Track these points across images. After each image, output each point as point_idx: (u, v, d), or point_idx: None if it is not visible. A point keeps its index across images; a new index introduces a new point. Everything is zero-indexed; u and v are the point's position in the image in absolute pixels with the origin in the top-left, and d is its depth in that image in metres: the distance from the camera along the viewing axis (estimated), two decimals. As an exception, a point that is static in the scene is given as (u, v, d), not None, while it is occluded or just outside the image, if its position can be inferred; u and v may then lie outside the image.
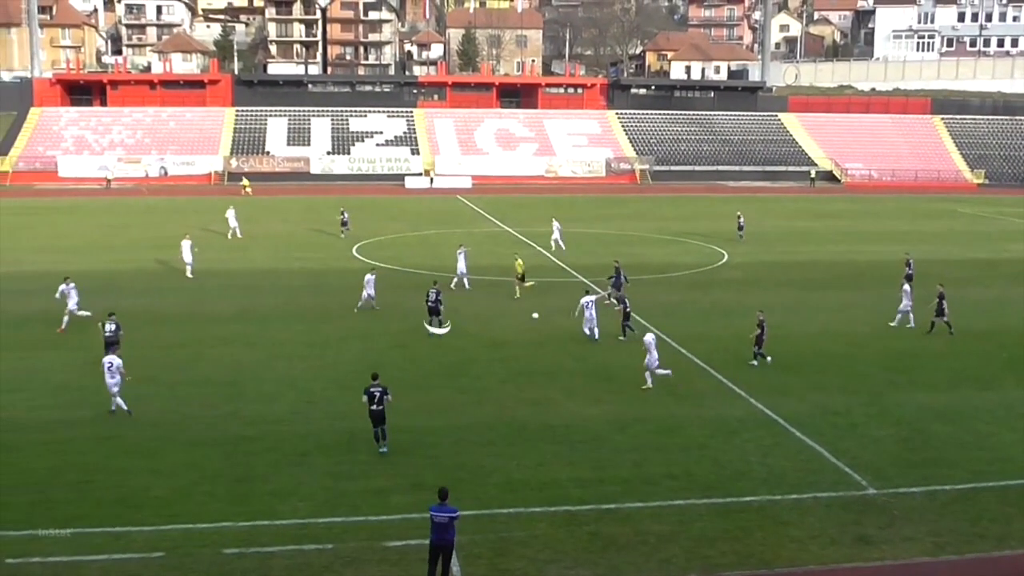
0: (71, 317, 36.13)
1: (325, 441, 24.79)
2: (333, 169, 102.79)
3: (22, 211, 75.78)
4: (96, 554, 18.68)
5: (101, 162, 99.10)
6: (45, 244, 57.57)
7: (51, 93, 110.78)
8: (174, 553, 18.76)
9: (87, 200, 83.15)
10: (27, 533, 19.48)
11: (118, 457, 23.67)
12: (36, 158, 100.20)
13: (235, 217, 61.15)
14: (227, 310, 39.81)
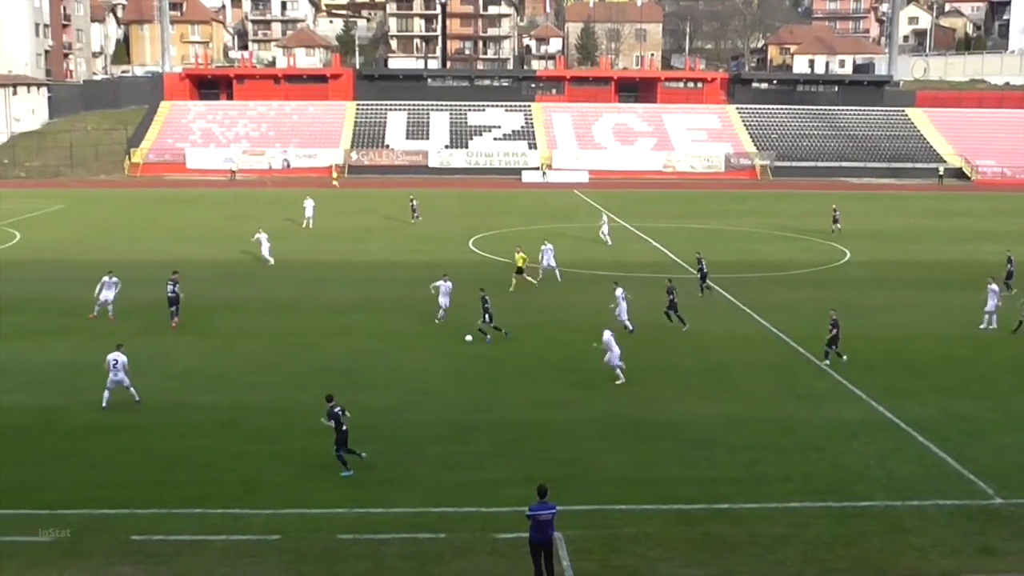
0: (101, 308, 37.07)
1: (438, 432, 25.10)
2: (451, 163, 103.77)
3: (151, 201, 78.51)
4: (216, 534, 19.30)
5: (227, 154, 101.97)
6: (172, 234, 59.53)
7: (180, 87, 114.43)
8: (290, 536, 19.24)
9: (212, 191, 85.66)
10: (151, 511, 20.24)
11: (239, 442, 24.39)
12: (165, 150, 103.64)
13: (312, 208, 62.83)
14: (345, 301, 40.59)
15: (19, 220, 65.50)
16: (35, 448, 23.89)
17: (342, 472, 22.20)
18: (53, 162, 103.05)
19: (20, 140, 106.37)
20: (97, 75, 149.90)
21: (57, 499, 20.78)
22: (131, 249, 53.41)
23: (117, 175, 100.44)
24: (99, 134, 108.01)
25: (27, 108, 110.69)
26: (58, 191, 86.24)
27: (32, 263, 49.13)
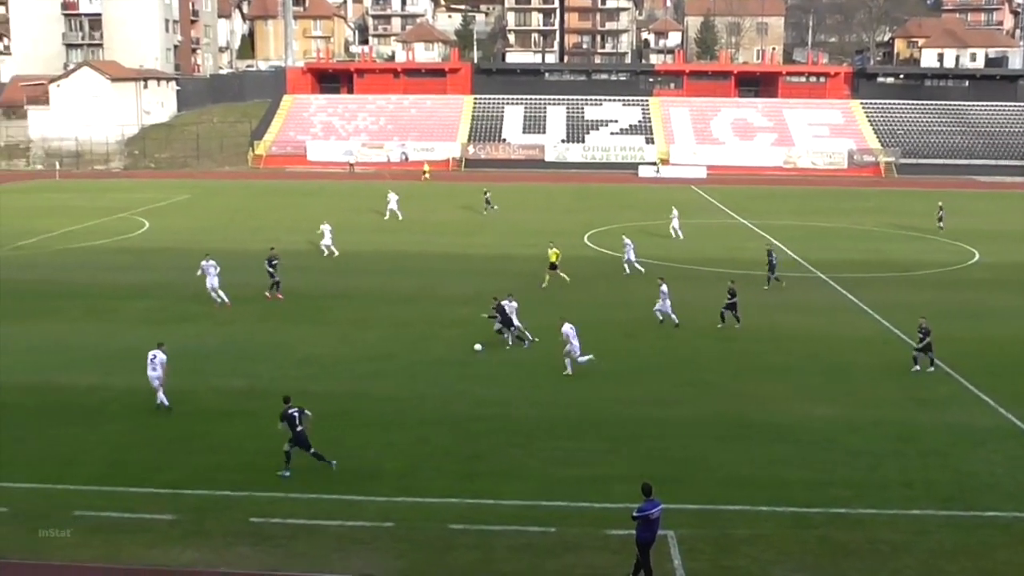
0: (215, 295, 38.24)
1: (550, 425, 25.15)
2: (567, 157, 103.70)
3: (273, 192, 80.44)
4: (331, 519, 19.71)
5: (346, 147, 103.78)
6: (293, 224, 60.86)
7: (303, 81, 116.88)
8: (402, 524, 19.53)
9: (332, 183, 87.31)
10: (269, 495, 20.77)
11: (355, 429, 24.84)
12: (288, 142, 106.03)
13: (396, 202, 64.07)
14: (460, 293, 40.93)
15: (148, 209, 67.84)
16: (161, 429, 24.76)
17: (280, 472, 21.70)
18: (180, 154, 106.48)
19: (150, 132, 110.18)
20: (223, 69, 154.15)
21: (180, 479, 21.52)
22: (253, 238, 54.74)
23: (241, 166, 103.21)
24: (224, 127, 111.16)
25: (157, 101, 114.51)
26: (185, 181, 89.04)
27: (159, 251, 50.84)
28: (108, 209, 67.26)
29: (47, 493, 20.91)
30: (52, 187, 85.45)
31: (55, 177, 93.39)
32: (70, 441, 23.93)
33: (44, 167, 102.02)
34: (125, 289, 40.90)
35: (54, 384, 28.41)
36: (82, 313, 37.41)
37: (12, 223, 60.82)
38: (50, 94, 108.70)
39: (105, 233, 57.09)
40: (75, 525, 19.42)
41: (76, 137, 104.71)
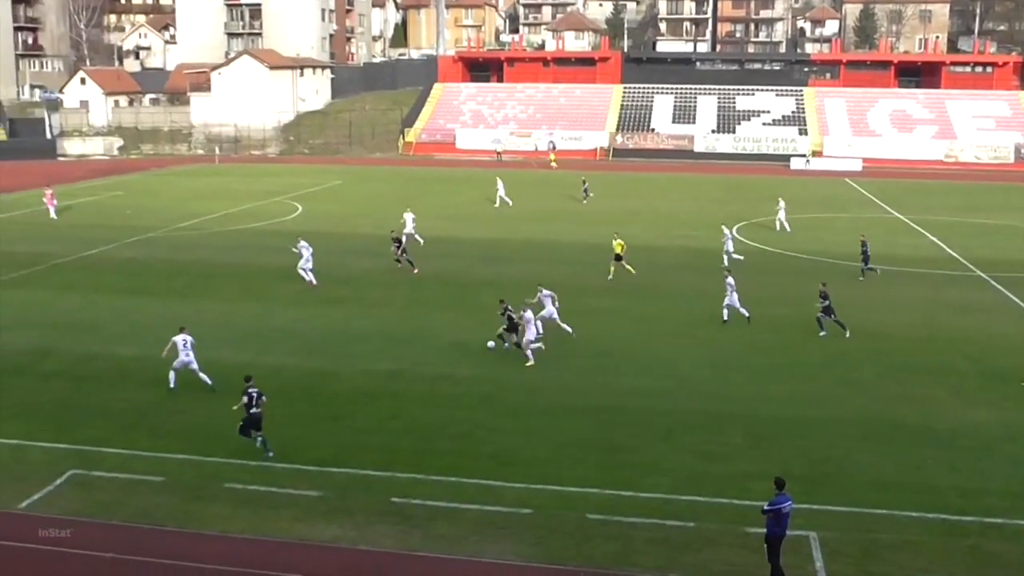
0: (311, 276, 39.65)
1: (693, 419, 24.92)
2: (717, 148, 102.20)
3: (422, 180, 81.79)
4: (470, 503, 20.00)
5: (494, 135, 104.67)
6: (441, 212, 61.79)
7: (453, 70, 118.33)
8: (541, 512, 19.67)
9: (479, 172, 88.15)
10: (411, 476, 21.21)
11: (496, 416, 25.12)
12: (437, 130, 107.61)
13: (503, 188, 64.79)
14: (605, 283, 40.86)
15: (301, 194, 69.90)
16: (310, 408, 25.55)
17: (266, 453, 22.18)
18: (333, 140, 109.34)
19: (305, 119, 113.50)
20: (376, 58, 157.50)
21: (326, 457, 22.18)
22: (400, 225, 55.76)
23: (391, 153, 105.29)
24: (376, 114, 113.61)
25: (312, 89, 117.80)
26: (337, 167, 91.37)
27: (310, 234, 52.10)
28: (264, 193, 69.59)
29: (200, 465, 21.85)
30: (212, 171, 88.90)
31: (215, 161, 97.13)
32: (223, 416, 24.84)
33: (204, 152, 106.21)
34: (278, 271, 42.27)
35: (211, 360, 29.51)
36: (238, 293, 38.87)
37: (175, 205, 63.55)
38: (212, 81, 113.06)
39: (260, 216, 59.10)
40: (225, 497, 20.25)
41: (235, 123, 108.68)
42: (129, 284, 40.51)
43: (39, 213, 58.96)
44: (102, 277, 41.86)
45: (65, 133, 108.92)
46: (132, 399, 26.21)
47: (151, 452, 22.49)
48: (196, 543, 18.42)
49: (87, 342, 31.63)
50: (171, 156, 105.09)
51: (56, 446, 22.86)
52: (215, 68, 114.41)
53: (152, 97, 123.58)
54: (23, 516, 19.49)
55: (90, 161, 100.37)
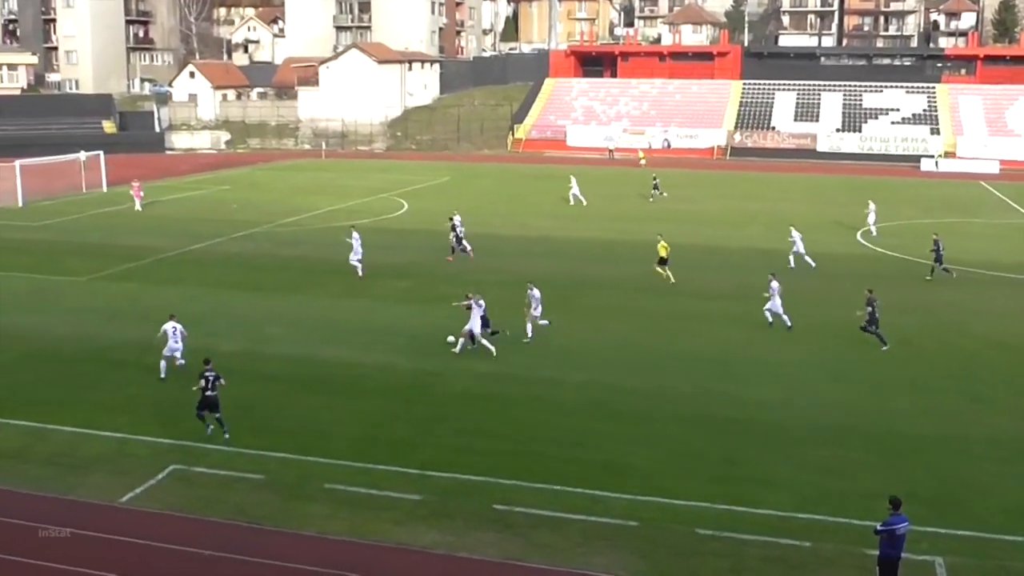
0: (359, 265, 41.17)
1: (812, 433, 24.37)
2: (841, 147, 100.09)
3: (531, 177, 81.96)
4: (575, 513, 19.86)
5: (606, 133, 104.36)
6: (549, 210, 61.79)
7: (565, 64, 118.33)
8: (649, 525, 19.43)
9: (590, 169, 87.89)
10: (514, 483, 21.17)
11: (604, 422, 24.94)
12: (548, 127, 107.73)
13: (577, 185, 64.67)
14: (720, 287, 40.34)
15: (407, 191, 70.68)
16: (412, 409, 25.75)
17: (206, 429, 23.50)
18: (441, 136, 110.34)
19: (413, 114, 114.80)
20: (486, 52, 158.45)
21: (428, 460, 22.29)
22: (508, 223, 56.00)
23: (500, 150, 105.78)
24: (485, 109, 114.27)
25: (420, 83, 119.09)
26: (444, 164, 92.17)
27: (416, 232, 52.89)
28: (370, 189, 70.53)
29: (301, 464, 22.18)
30: (318, 166, 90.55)
31: (321, 157, 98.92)
32: (326, 415, 25.28)
33: (311, 147, 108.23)
34: (383, 268, 42.75)
35: (315, 357, 30.12)
36: (342, 290, 39.45)
37: (280, 200, 64.86)
38: (319, 75, 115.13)
39: (366, 213, 59.91)
40: (325, 498, 20.50)
41: (342, 118, 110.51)
42: (234, 279, 41.45)
43: (148, 206, 60.73)
44: (207, 271, 42.92)
45: (173, 127, 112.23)
46: (235, 395, 26.66)
47: (252, 449, 22.92)
48: (294, 543, 18.68)
49: (192, 336, 32.32)
50: (277, 151, 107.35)
51: (159, 440, 23.47)
52: (323, 62, 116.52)
53: (260, 91, 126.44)
54: (124, 510, 20.04)
55: (197, 155, 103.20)
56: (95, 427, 24.21)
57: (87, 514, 19.74)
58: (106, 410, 25.38)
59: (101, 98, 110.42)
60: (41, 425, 24.38)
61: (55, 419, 24.71)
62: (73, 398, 26.37)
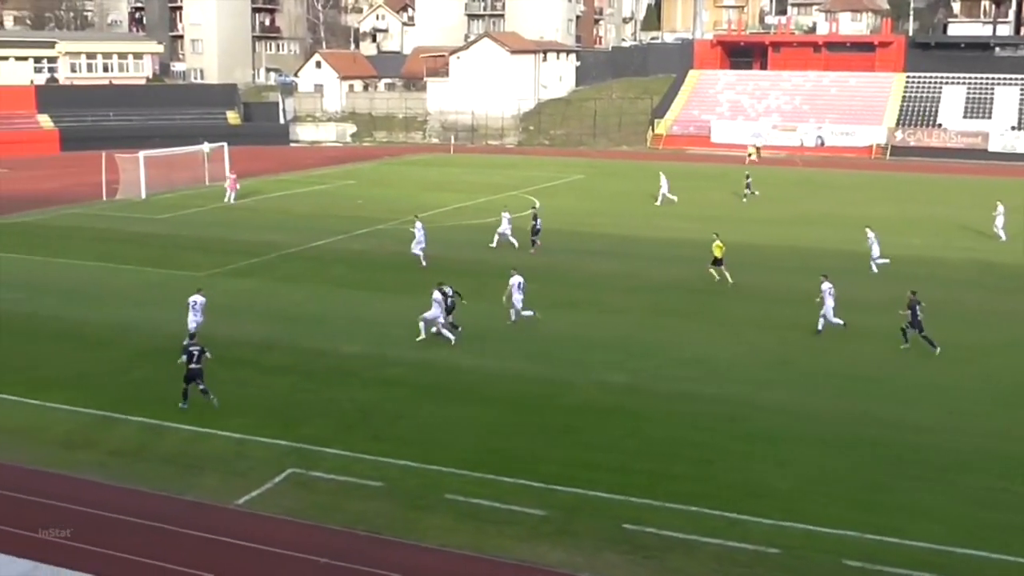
0: (421, 254, 44.17)
1: (972, 460, 23.72)
2: (1016, 147, 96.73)
3: (673, 176, 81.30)
4: (711, 537, 19.76)
5: (754, 129, 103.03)
6: (688, 211, 61.39)
7: (711, 55, 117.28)
8: (791, 553, 19.21)
9: (735, 168, 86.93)
10: (645, 502, 21.17)
11: (741, 440, 24.74)
12: (690, 122, 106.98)
13: (667, 184, 64.77)
14: (875, 298, 39.48)
15: (539, 188, 71.10)
16: (538, 419, 25.96)
17: (180, 404, 26.06)
18: (576, 131, 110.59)
19: (546, 107, 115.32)
20: (626, 42, 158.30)
21: (554, 474, 22.44)
22: (643, 225, 55.85)
23: (639, 147, 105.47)
24: (624, 103, 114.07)
25: (555, 75, 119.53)
26: (579, 160, 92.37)
27: (547, 232, 53.05)
28: (499, 186, 71.15)
29: (422, 472, 22.59)
30: (446, 161, 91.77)
31: (450, 151, 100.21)
32: (447, 422, 25.68)
33: (440, 140, 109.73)
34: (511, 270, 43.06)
35: (438, 362, 30.59)
36: (467, 291, 39.74)
37: (406, 196, 65.99)
38: (449, 66, 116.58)
39: (495, 211, 60.39)
40: (446, 509, 20.84)
41: (472, 111, 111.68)
42: (356, 277, 42.38)
43: (270, 200, 62.57)
44: (329, 269, 43.97)
45: (298, 118, 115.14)
46: (355, 398, 27.41)
47: (372, 455, 23.43)
48: (413, 555, 19.05)
49: (312, 336, 33.28)
50: (405, 144, 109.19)
51: (277, 442, 24.19)
52: (453, 52, 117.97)
53: (387, 82, 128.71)
54: (240, 513, 20.72)
55: (322, 148, 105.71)
56: (212, 426, 25.11)
57: (202, 515, 20.49)
58: (223, 410, 26.24)
59: (226, 88, 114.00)
60: (158, 423, 25.41)
61: (172, 417, 25.70)
62: (190, 397, 27.30)
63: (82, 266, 43.96)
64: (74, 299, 37.19)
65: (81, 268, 43.54)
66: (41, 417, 25.92)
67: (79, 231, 53.28)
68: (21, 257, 45.74)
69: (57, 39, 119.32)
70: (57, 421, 25.67)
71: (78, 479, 22.13)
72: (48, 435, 24.74)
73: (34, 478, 22.17)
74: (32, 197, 65.23)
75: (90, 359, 30.77)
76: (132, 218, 57.44)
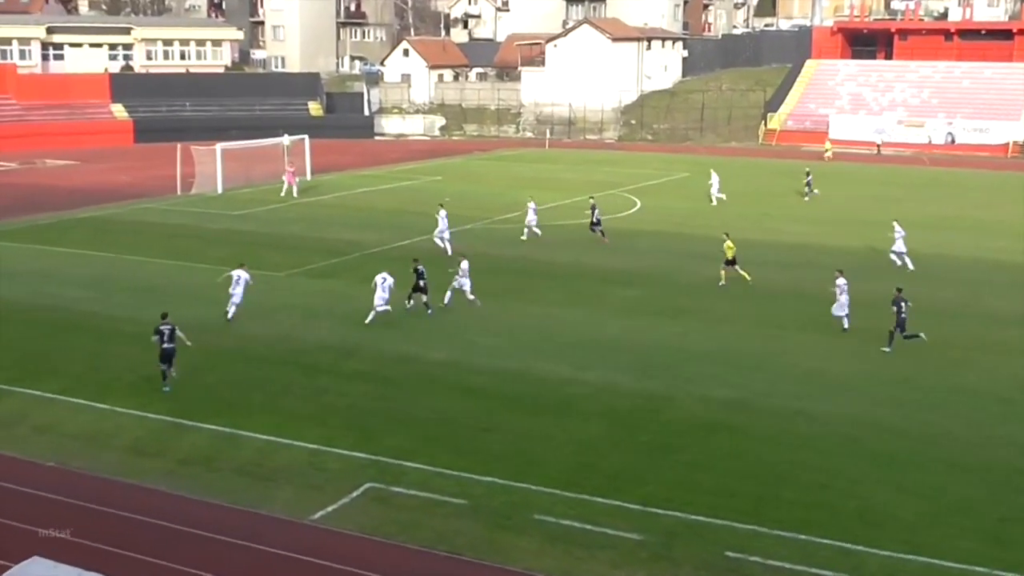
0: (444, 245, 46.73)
1: (1120, 492, 23.00)
2: None
3: (784, 174, 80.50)
4: (821, 568, 19.42)
5: (877, 124, 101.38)
6: (803, 213, 60.60)
7: (830, 44, 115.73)
8: (912, 588, 18.83)
9: (856, 167, 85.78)
10: (750, 528, 20.89)
11: (858, 463, 24.30)
12: (806, 116, 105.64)
13: (718, 183, 64.46)
14: (1010, 310, 38.61)
15: (641, 187, 70.83)
16: (636, 436, 25.81)
17: (162, 388, 28.47)
18: (682, 125, 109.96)
19: (650, 99, 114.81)
20: (737, 29, 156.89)
21: (652, 495, 22.27)
22: (754, 227, 55.21)
23: (750, 142, 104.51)
24: (734, 95, 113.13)
25: (660, 64, 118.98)
26: (684, 157, 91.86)
27: (649, 234, 52.96)
28: (598, 184, 70.92)
29: (509, 490, 22.56)
30: (541, 157, 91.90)
31: (544, 146, 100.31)
32: (537, 436, 25.64)
33: (534, 134, 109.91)
34: (610, 274, 43.03)
35: (528, 372, 30.58)
36: (563, 297, 39.91)
37: (497, 194, 66.22)
38: (546, 54, 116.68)
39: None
40: (534, 530, 20.78)
41: (569, 103, 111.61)
42: (443, 280, 42.50)
43: (352, 196, 63.25)
44: (414, 271, 44.20)
45: (384, 110, 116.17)
46: (439, 409, 27.49)
47: (455, 471, 23.48)
48: (498, 579, 19.06)
49: (394, 341, 33.49)
50: (496, 138, 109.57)
51: (355, 455, 24.37)
52: (550, 39, 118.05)
53: (479, 71, 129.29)
54: (314, 528, 20.88)
55: (408, 142, 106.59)
56: (287, 436, 25.39)
57: (275, 530, 20.69)
58: (299, 419, 26.55)
59: (308, 77, 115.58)
60: (231, 431, 25.76)
61: (245, 425, 26.06)
62: (264, 404, 27.72)
63: (154, 264, 44.84)
64: (145, 298, 37.91)
65: (153, 266, 44.40)
66: (109, 422, 26.48)
67: (152, 227, 54.37)
68: (91, 254, 46.84)
69: (133, 25, 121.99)
70: (125, 427, 26.20)
71: (145, 488, 22.53)
72: (116, 441, 25.25)
73: (100, 486, 22.62)
74: (104, 190, 66.80)
75: (161, 362, 31.35)
76: (207, 214, 58.47)
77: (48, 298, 38.94)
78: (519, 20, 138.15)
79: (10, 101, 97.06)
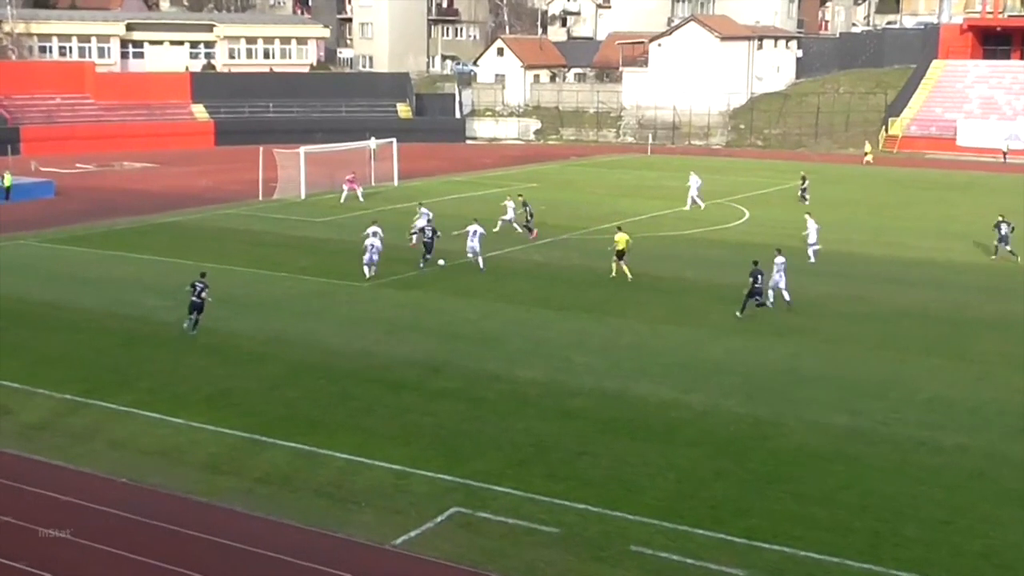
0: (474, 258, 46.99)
1: None
2: None
3: (908, 184, 79.48)
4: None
5: (1009, 130, 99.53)
6: (929, 226, 59.69)
7: (960, 43, 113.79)
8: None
9: (985, 176, 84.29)
10: (866, 567, 20.50)
11: (986, 500, 23.78)
12: (932, 121, 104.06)
13: (697, 184, 64.91)
14: None
15: (749, 196, 70.35)
16: (742, 464, 25.53)
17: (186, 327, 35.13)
18: (795, 130, 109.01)
19: (760, 102, 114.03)
20: (856, 27, 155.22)
21: (759, 528, 22.01)
22: (873, 241, 54.57)
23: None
24: (852, 99, 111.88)
25: (772, 65, 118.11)
26: (798, 164, 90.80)
27: (758, 247, 52.22)
28: (704, 193, 70.49)
29: (604, 519, 22.45)
30: (642, 163, 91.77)
31: (647, 152, 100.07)
32: (636, 462, 25.49)
33: (636, 140, 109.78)
34: (717, 289, 42.70)
35: (627, 393, 30.45)
36: (665, 313, 39.71)
37: (596, 202, 66.28)
38: (649, 54, 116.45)
39: (698, 221, 60.05)
40: (631, 562, 20.65)
41: (674, 106, 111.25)
42: (537, 293, 42.64)
43: (442, 203, 63.52)
44: (507, 282, 44.35)
45: (476, 112, 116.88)
46: (531, 431, 27.48)
47: (547, 497, 23.43)
48: (592, 614, 18.96)
49: (484, 358, 33.57)
50: (595, 144, 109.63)
51: (441, 477, 24.44)
52: (654, 38, 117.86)
53: (577, 72, 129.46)
54: (396, 554, 20.97)
55: (502, 146, 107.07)
56: (369, 456, 25.55)
57: (355, 555, 20.84)
58: (382, 438, 26.72)
59: (397, 77, 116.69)
60: (312, 449, 26.00)
61: (326, 444, 26.28)
62: (345, 422, 27.93)
63: (235, 272, 45.48)
64: (225, 308, 38.44)
65: (233, 274, 45.02)
66: (184, 437, 26.87)
67: (232, 233, 55.24)
68: (169, 261, 47.67)
69: (215, 22, 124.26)
70: (201, 443, 26.56)
71: (221, 508, 22.82)
72: (191, 458, 25.61)
73: (173, 504, 22.96)
74: (183, 195, 68.07)
75: (239, 375, 31.79)
76: (290, 220, 59.22)
77: (124, 306, 39.73)
78: (621, 18, 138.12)
79: (88, 101, 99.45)
